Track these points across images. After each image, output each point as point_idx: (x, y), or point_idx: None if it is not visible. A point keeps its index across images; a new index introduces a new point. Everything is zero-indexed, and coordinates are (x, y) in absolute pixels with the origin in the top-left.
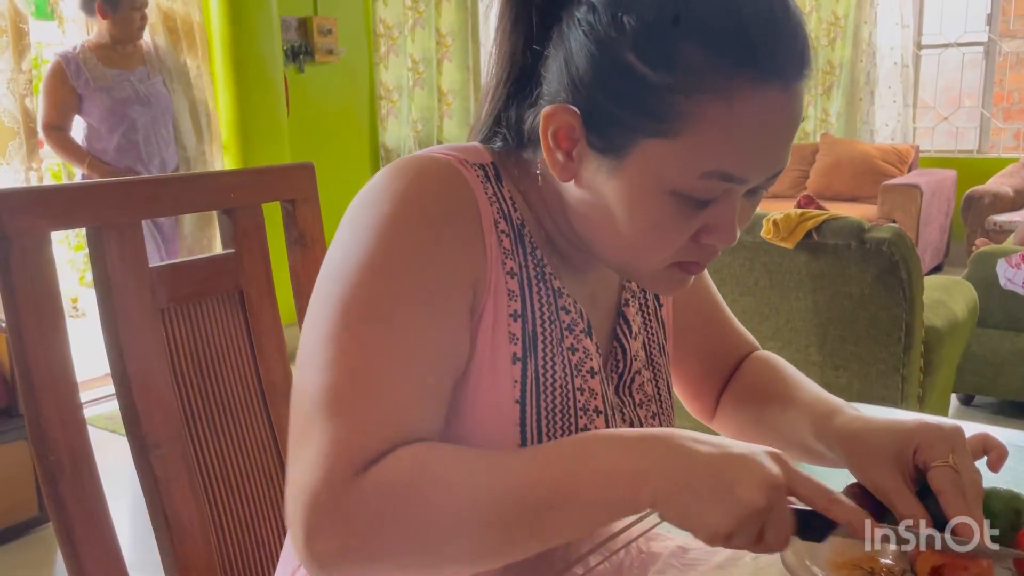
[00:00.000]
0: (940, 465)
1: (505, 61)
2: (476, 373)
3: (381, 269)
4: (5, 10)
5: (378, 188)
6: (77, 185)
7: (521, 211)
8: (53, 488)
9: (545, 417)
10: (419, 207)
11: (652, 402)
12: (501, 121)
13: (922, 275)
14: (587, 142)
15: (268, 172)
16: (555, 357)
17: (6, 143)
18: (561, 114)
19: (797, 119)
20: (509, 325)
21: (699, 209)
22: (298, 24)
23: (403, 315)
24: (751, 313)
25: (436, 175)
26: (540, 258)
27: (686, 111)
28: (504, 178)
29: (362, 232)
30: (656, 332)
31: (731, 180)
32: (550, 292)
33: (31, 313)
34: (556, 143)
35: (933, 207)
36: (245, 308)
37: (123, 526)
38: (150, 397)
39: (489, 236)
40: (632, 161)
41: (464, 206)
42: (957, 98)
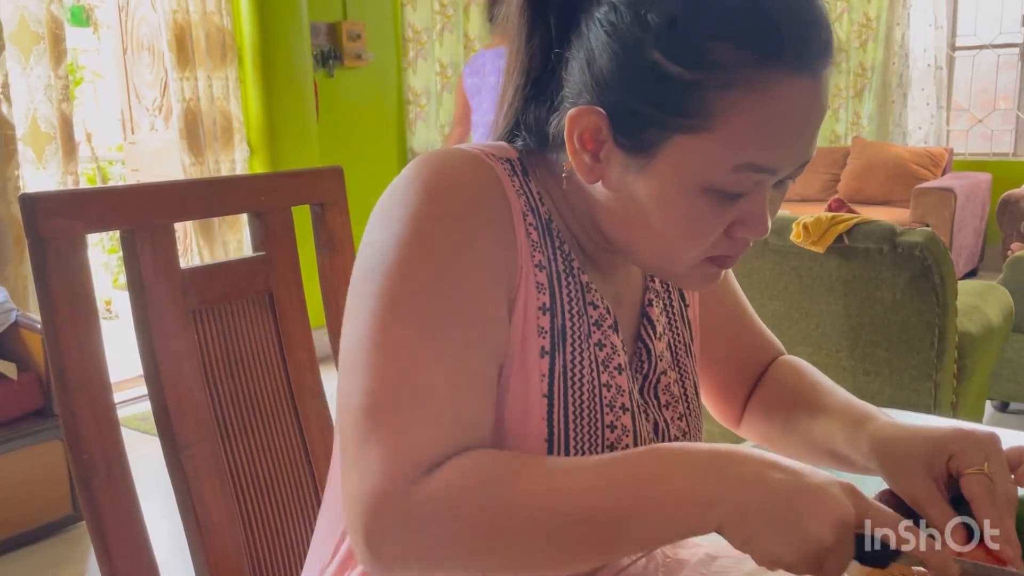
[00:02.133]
0: (974, 472)
1: (523, 65)
2: (506, 366)
3: (417, 265)
4: (43, 17)
5: (406, 182)
6: (111, 189)
7: (548, 206)
8: (87, 487)
9: (573, 412)
10: (449, 199)
11: (679, 403)
12: (520, 125)
13: (955, 280)
14: (615, 142)
15: (298, 176)
16: (583, 352)
17: (43, 148)
18: (587, 116)
19: (825, 107)
20: (538, 318)
21: (731, 203)
22: (327, 29)
23: (443, 311)
24: (781, 318)
25: (464, 166)
26: (568, 252)
27: (717, 107)
28: (531, 173)
29: (394, 227)
30: (682, 332)
31: (763, 172)
32: (579, 286)
33: (66, 314)
34: (582, 145)
35: (967, 211)
36: (275, 310)
37: (154, 525)
38: (181, 398)
39: (519, 228)
40: (663, 159)
41: (494, 196)
42: (992, 100)
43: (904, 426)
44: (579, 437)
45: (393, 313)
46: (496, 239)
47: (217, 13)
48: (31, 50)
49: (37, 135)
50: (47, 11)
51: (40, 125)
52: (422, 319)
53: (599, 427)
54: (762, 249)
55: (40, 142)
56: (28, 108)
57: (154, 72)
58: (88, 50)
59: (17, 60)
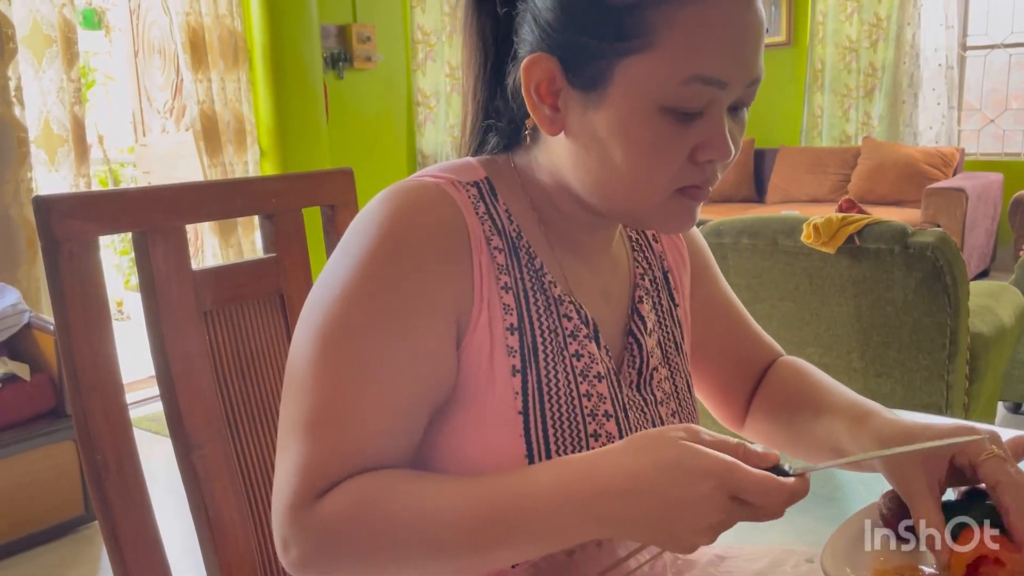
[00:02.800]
0: (988, 457)
1: (479, 54)
2: (474, 389)
3: (359, 298)
4: (55, 21)
5: (367, 217)
6: (123, 191)
7: (518, 222)
8: (99, 487)
9: (552, 426)
10: (401, 236)
11: (671, 399)
12: (490, 116)
13: (967, 280)
14: (569, 84)
15: (309, 177)
16: (557, 365)
17: (56, 150)
18: (539, 64)
19: (762, 22)
20: (507, 339)
21: (689, 123)
22: (337, 32)
23: (377, 343)
24: (791, 319)
25: (424, 203)
26: (539, 267)
27: (657, 22)
28: (500, 190)
29: (346, 260)
30: (672, 331)
31: (712, 83)
32: (550, 301)
33: (79, 315)
34: (540, 98)
35: (979, 211)
36: (285, 311)
37: (166, 525)
38: (193, 398)
39: (479, 255)
40: (616, 87)
41: (450, 230)
42: (1004, 100)
43: (906, 423)
44: (561, 449)
45: (330, 340)
46: (444, 276)
47: (228, 16)
48: (43, 53)
49: (50, 137)
50: (59, 14)
51: (52, 127)
52: (353, 351)
53: (582, 437)
54: (773, 250)
55: (52, 144)
56: (41, 111)
57: (165, 75)
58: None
59: (30, 63)
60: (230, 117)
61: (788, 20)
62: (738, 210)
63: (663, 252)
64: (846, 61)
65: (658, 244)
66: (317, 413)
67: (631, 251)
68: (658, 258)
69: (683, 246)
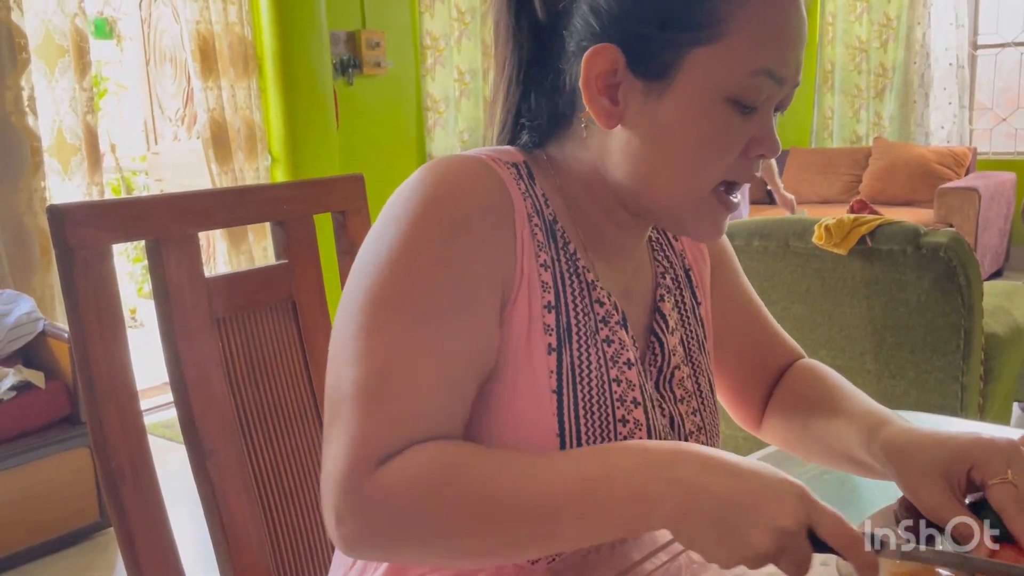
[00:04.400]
0: (999, 483)
1: (512, 55)
2: (513, 364)
3: (408, 263)
4: (67, 31)
5: (411, 186)
6: (136, 199)
7: (554, 207)
8: (114, 493)
9: (583, 407)
10: (449, 202)
11: (692, 398)
12: (521, 116)
13: (981, 281)
14: (633, 74)
15: (319, 184)
16: (590, 348)
17: (69, 159)
18: (603, 55)
19: (805, 19)
20: (544, 316)
21: (748, 116)
22: (347, 38)
23: (429, 309)
24: (804, 320)
25: (469, 171)
26: (573, 252)
27: (726, 13)
28: (536, 175)
29: (392, 227)
30: (695, 330)
31: (774, 78)
32: (583, 285)
33: (93, 323)
34: (599, 90)
35: (992, 210)
36: (298, 317)
37: (181, 532)
38: (206, 404)
39: (522, 229)
40: (683, 77)
41: (497, 200)
42: (1016, 99)
43: (921, 432)
44: (591, 431)
45: (378, 308)
46: (493, 247)
47: (239, 23)
48: (56, 63)
49: (63, 146)
50: (71, 24)
51: (66, 136)
52: (405, 317)
53: (611, 421)
54: (784, 252)
55: (65, 153)
56: (54, 120)
57: (176, 83)
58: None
59: (43, 73)
60: (240, 124)
61: None
62: (750, 211)
63: (683, 250)
64: (856, 61)
65: (678, 242)
66: (371, 382)
67: (652, 251)
68: (679, 256)
69: (702, 243)
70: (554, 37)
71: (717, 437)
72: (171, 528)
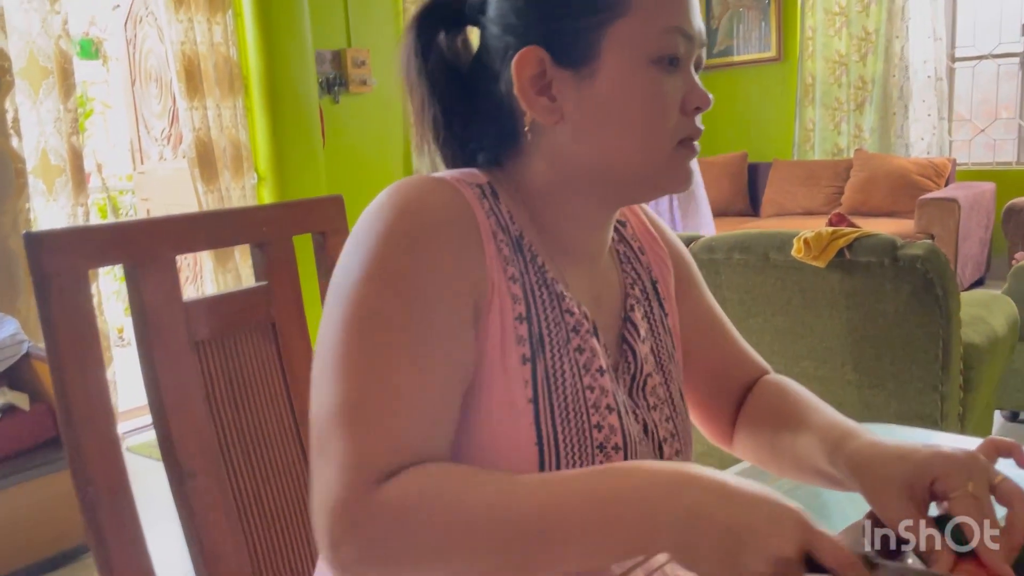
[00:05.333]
0: (960, 495)
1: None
2: (489, 376)
3: (377, 281)
4: (51, 52)
5: (375, 208)
6: (113, 224)
7: (519, 223)
8: (92, 519)
9: (559, 414)
10: (416, 218)
11: (665, 405)
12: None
13: (958, 292)
14: (561, 67)
15: (298, 206)
16: (563, 357)
17: (53, 180)
18: (528, 57)
19: None
20: (516, 327)
21: (675, 73)
22: (332, 57)
23: (406, 324)
24: (784, 333)
25: (432, 189)
26: (541, 265)
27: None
28: (500, 194)
29: (362, 248)
30: (664, 340)
31: (684, 35)
32: (553, 296)
33: (70, 349)
34: (534, 91)
35: (972, 221)
36: (278, 339)
37: (167, 552)
38: (186, 428)
39: (488, 244)
40: (607, 55)
41: (461, 217)
42: (994, 110)
43: (884, 445)
44: (568, 439)
45: (358, 329)
46: (461, 258)
47: (224, 44)
48: (40, 84)
49: (47, 168)
50: (55, 46)
51: (50, 158)
52: (386, 334)
53: (587, 428)
54: (764, 265)
55: (50, 175)
56: (38, 141)
57: (162, 103)
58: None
59: (27, 95)
60: (227, 143)
61: (778, 36)
62: (734, 224)
63: (649, 263)
64: (836, 75)
65: (644, 256)
66: (357, 403)
67: (619, 263)
68: (646, 269)
69: (665, 254)
70: (474, 66)
71: (690, 444)
72: (149, 554)
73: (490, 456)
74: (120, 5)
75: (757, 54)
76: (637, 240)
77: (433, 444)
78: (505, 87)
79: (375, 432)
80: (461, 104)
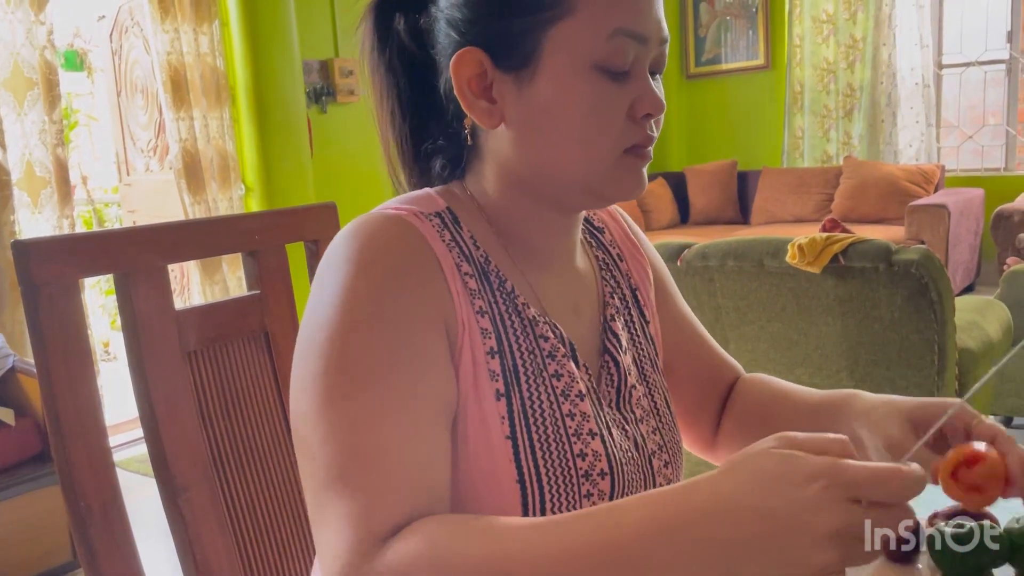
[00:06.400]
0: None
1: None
2: (463, 415)
3: (349, 334)
4: (36, 63)
5: (334, 254)
6: (104, 232)
7: (484, 246)
8: (83, 533)
9: (539, 448)
10: (377, 264)
11: (651, 417)
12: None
13: (953, 296)
14: (500, 69)
15: (291, 213)
16: (539, 387)
17: (39, 192)
18: (466, 58)
19: None
20: (488, 363)
21: (622, 82)
22: (319, 66)
23: (385, 373)
24: (780, 339)
25: (389, 231)
26: (511, 290)
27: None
28: (461, 217)
29: (327, 298)
30: (646, 348)
31: (635, 37)
32: (525, 323)
33: (60, 360)
34: (474, 93)
35: (962, 226)
36: (271, 348)
37: (159, 566)
38: (178, 440)
39: (453, 281)
40: (547, 58)
41: (421, 256)
42: (981, 116)
43: (891, 397)
44: (551, 472)
45: (337, 386)
46: (428, 297)
47: (210, 54)
48: (25, 95)
49: (32, 180)
50: (40, 57)
51: (35, 170)
52: (366, 384)
53: (569, 457)
54: (759, 271)
55: (35, 187)
56: (23, 153)
57: (148, 114)
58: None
59: (11, 106)
60: (213, 154)
61: (766, 44)
62: (723, 232)
63: (629, 270)
64: (824, 82)
65: (624, 263)
66: (346, 461)
67: (599, 269)
68: (625, 276)
69: (646, 262)
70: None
71: (680, 454)
72: (143, 569)
73: (472, 494)
74: (105, 16)
75: (745, 62)
76: (616, 247)
77: (432, 493)
78: (446, 85)
79: (370, 494)
80: (420, 99)
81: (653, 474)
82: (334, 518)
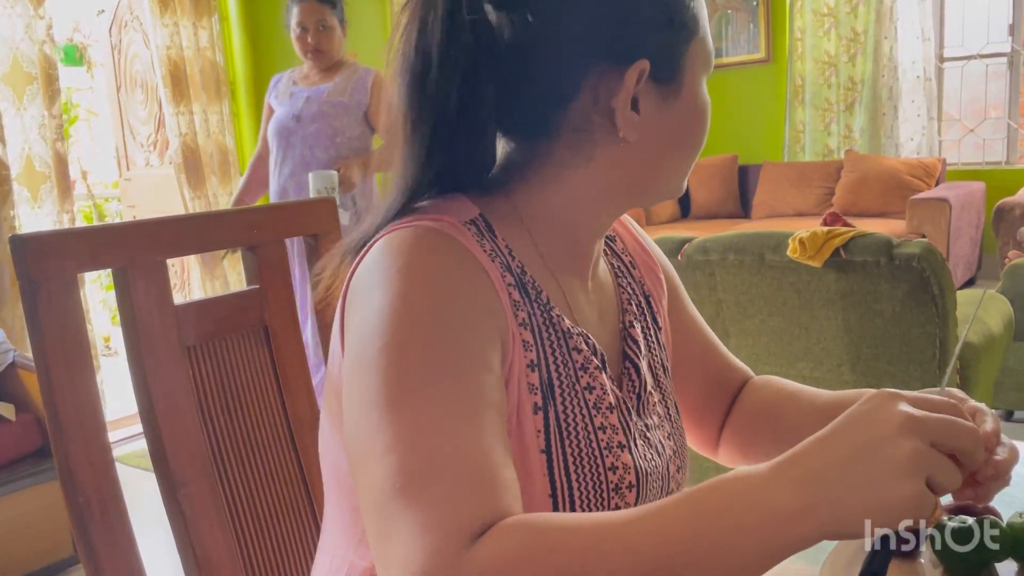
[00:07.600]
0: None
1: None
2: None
3: (412, 339)
4: (36, 58)
5: (377, 269)
6: (102, 227)
7: (519, 256)
8: (82, 529)
9: (572, 462)
10: (431, 275)
11: (665, 423)
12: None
13: (954, 290)
14: (654, 81)
15: (290, 208)
16: (573, 400)
17: (38, 187)
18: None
19: None
20: (528, 376)
21: None
22: None
23: (449, 380)
24: (781, 333)
25: (434, 244)
26: (546, 301)
27: (695, 6)
28: (495, 225)
29: (378, 313)
30: (659, 355)
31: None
32: (560, 335)
33: (59, 356)
34: (631, 107)
35: (963, 220)
36: (270, 343)
37: (159, 561)
38: (177, 435)
39: (502, 293)
40: (687, 72)
41: (470, 266)
42: (983, 110)
43: None
44: (583, 486)
45: (396, 395)
46: (483, 308)
47: (210, 48)
48: (24, 91)
49: (32, 174)
50: (40, 52)
51: (35, 164)
52: (431, 391)
53: (601, 471)
54: (760, 265)
55: (35, 181)
56: (22, 148)
57: (148, 108)
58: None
59: (11, 101)
60: (213, 148)
61: (767, 37)
62: (724, 226)
63: (642, 277)
64: (825, 76)
65: (636, 270)
66: (415, 468)
67: (615, 276)
68: (638, 283)
69: (658, 268)
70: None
71: (687, 458)
72: (143, 564)
73: None
74: (105, 10)
75: (746, 56)
76: (628, 255)
77: (507, 491)
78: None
79: (451, 495)
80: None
81: (669, 479)
82: (405, 527)
